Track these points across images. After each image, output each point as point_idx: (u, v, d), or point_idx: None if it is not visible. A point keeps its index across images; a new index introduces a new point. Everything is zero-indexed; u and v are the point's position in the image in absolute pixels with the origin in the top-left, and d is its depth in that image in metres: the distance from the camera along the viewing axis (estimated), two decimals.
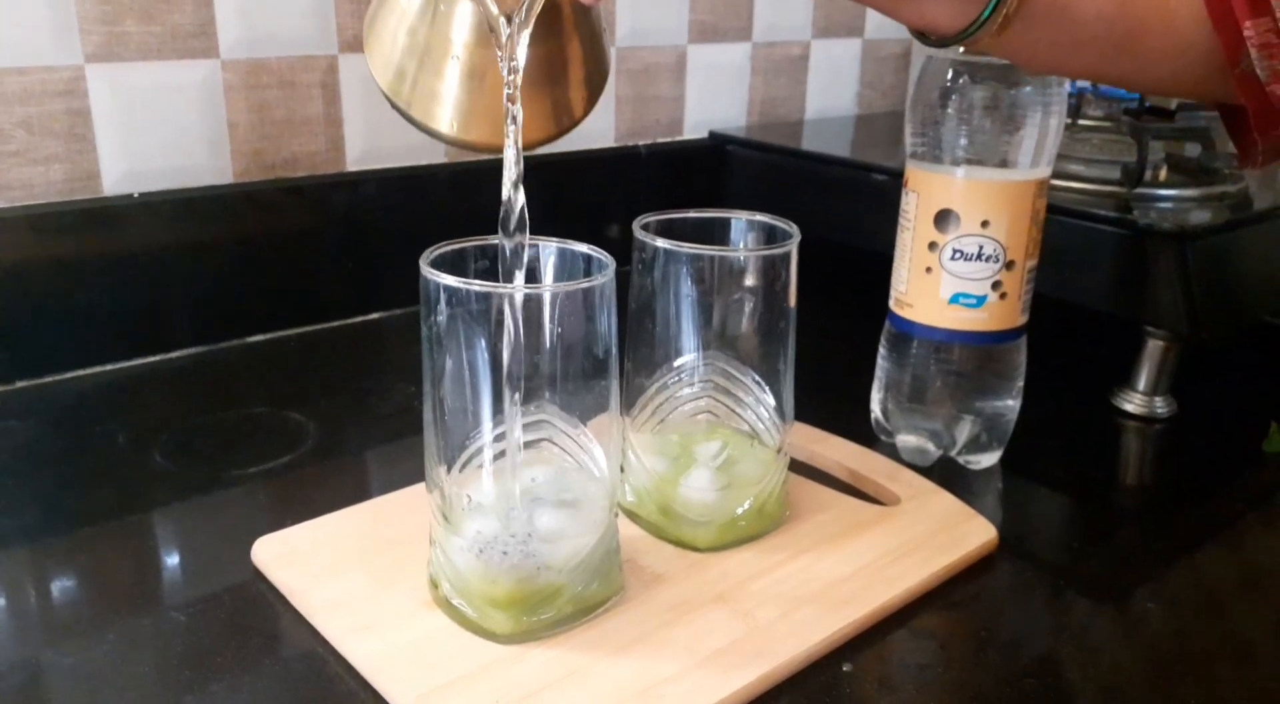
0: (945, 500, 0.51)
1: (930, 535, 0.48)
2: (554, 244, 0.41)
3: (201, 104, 0.67)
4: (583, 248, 0.41)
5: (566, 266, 0.41)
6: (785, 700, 0.38)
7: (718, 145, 0.90)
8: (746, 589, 0.43)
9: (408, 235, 0.63)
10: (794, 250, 0.45)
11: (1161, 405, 0.65)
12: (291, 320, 0.72)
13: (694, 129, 0.93)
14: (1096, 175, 0.69)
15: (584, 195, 0.85)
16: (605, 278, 0.38)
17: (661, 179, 0.90)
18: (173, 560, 0.47)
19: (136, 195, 0.65)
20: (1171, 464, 0.61)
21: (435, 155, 0.78)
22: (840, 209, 0.78)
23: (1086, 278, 0.64)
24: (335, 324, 0.74)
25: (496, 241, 0.41)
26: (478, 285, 0.36)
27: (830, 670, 0.40)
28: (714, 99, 0.94)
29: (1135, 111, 0.74)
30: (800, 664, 0.40)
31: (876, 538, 0.47)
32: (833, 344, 0.73)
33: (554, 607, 0.40)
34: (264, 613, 0.42)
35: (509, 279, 0.40)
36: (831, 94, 1.05)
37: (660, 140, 0.91)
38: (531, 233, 0.40)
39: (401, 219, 0.75)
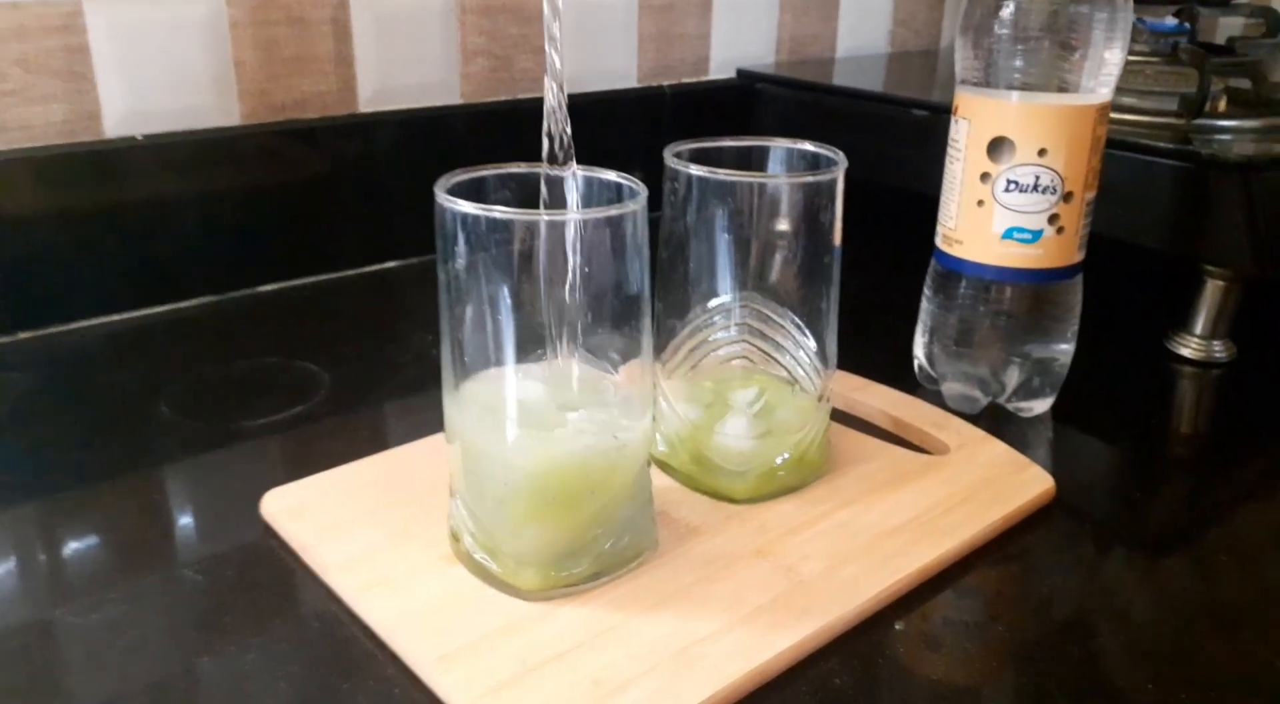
0: (997, 449, 0.48)
1: (982, 486, 0.45)
2: (580, 172, 0.38)
3: (206, 41, 0.64)
4: (612, 175, 0.38)
5: (594, 197, 0.38)
6: (835, 660, 0.36)
7: (746, 84, 0.86)
8: (787, 542, 0.41)
9: (423, 180, 0.60)
10: (840, 178, 0.42)
11: (1220, 350, 0.61)
12: (303, 269, 0.70)
13: (720, 69, 0.89)
14: (1151, 107, 0.65)
15: (605, 139, 0.82)
16: (638, 205, 0.35)
17: (687, 121, 0.86)
18: (181, 515, 0.44)
19: (140, 137, 0.62)
20: (1231, 411, 0.58)
21: (451, 96, 0.74)
22: (878, 148, 0.74)
23: (1141, 214, 0.60)
24: (349, 273, 0.71)
25: (519, 170, 0.38)
26: (500, 212, 0.33)
27: (881, 629, 0.37)
28: (741, 37, 0.90)
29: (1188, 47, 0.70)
30: (849, 623, 0.37)
31: (925, 488, 0.44)
32: (870, 288, 0.70)
33: (584, 561, 0.37)
34: (274, 570, 0.40)
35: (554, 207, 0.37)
36: (863, 32, 1.00)
37: (685, 80, 0.87)
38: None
39: (416, 162, 0.72)
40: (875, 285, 0.70)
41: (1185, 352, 0.61)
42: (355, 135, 0.70)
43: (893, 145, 0.73)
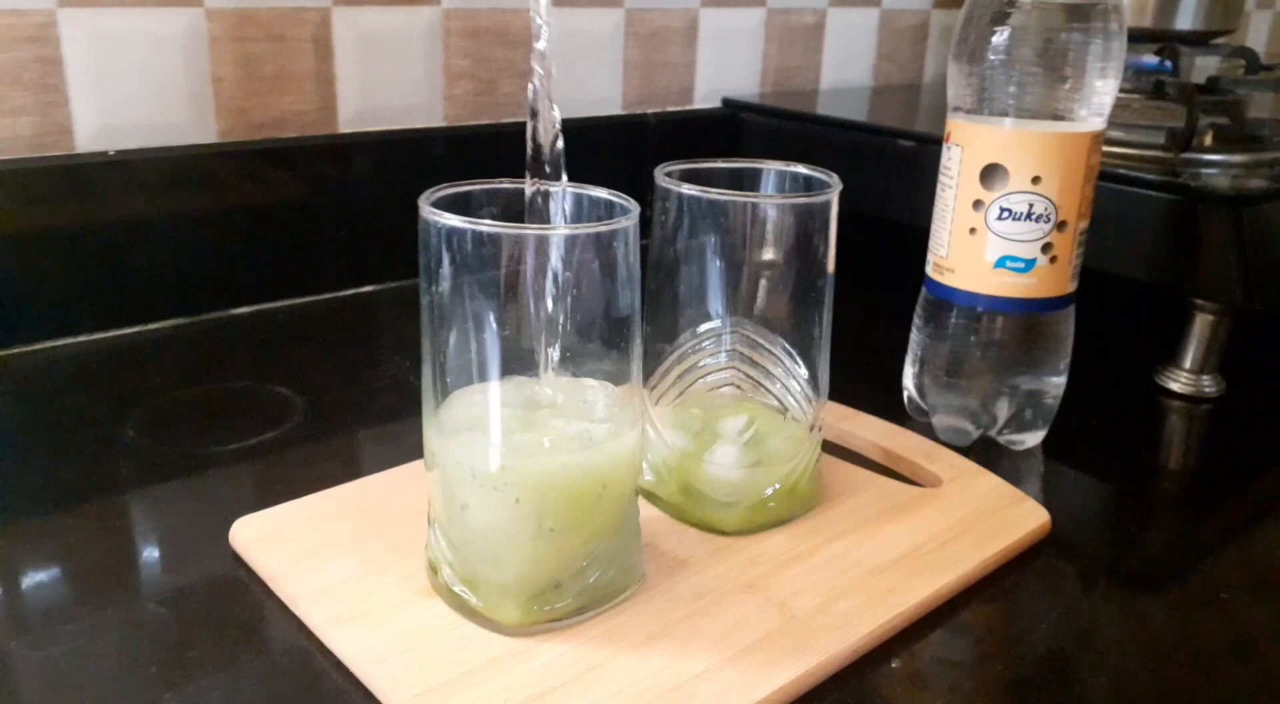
0: (990, 482, 0.47)
1: (977, 519, 0.44)
2: (569, 189, 0.37)
3: (184, 56, 0.62)
4: (602, 192, 0.36)
5: (585, 214, 0.37)
6: (829, 700, 0.34)
7: (732, 113, 0.86)
8: (779, 577, 0.39)
9: (403, 203, 0.59)
10: (834, 200, 0.41)
11: (1209, 384, 0.60)
12: (279, 292, 0.68)
13: (705, 98, 0.89)
14: (1138, 140, 0.65)
15: (588, 167, 0.80)
16: (630, 221, 0.34)
17: (671, 149, 0.84)
18: (145, 545, 0.42)
19: (113, 153, 0.61)
20: (1222, 446, 0.57)
21: (433, 118, 0.73)
22: (865, 178, 0.74)
23: (1130, 246, 0.60)
24: (325, 297, 0.70)
25: (507, 185, 0.37)
26: (488, 226, 0.32)
27: (876, 668, 0.36)
28: (726, 67, 0.90)
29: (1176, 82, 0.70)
30: (844, 661, 0.35)
31: (919, 522, 0.43)
32: (857, 318, 0.69)
33: (569, 595, 0.36)
34: (243, 602, 0.38)
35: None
36: (847, 65, 1.00)
37: (670, 109, 0.87)
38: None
39: (396, 185, 0.71)
40: (862, 315, 0.69)
41: (1174, 386, 0.61)
42: (335, 156, 0.68)
43: (880, 176, 0.73)
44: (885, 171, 0.72)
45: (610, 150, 0.82)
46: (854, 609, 0.37)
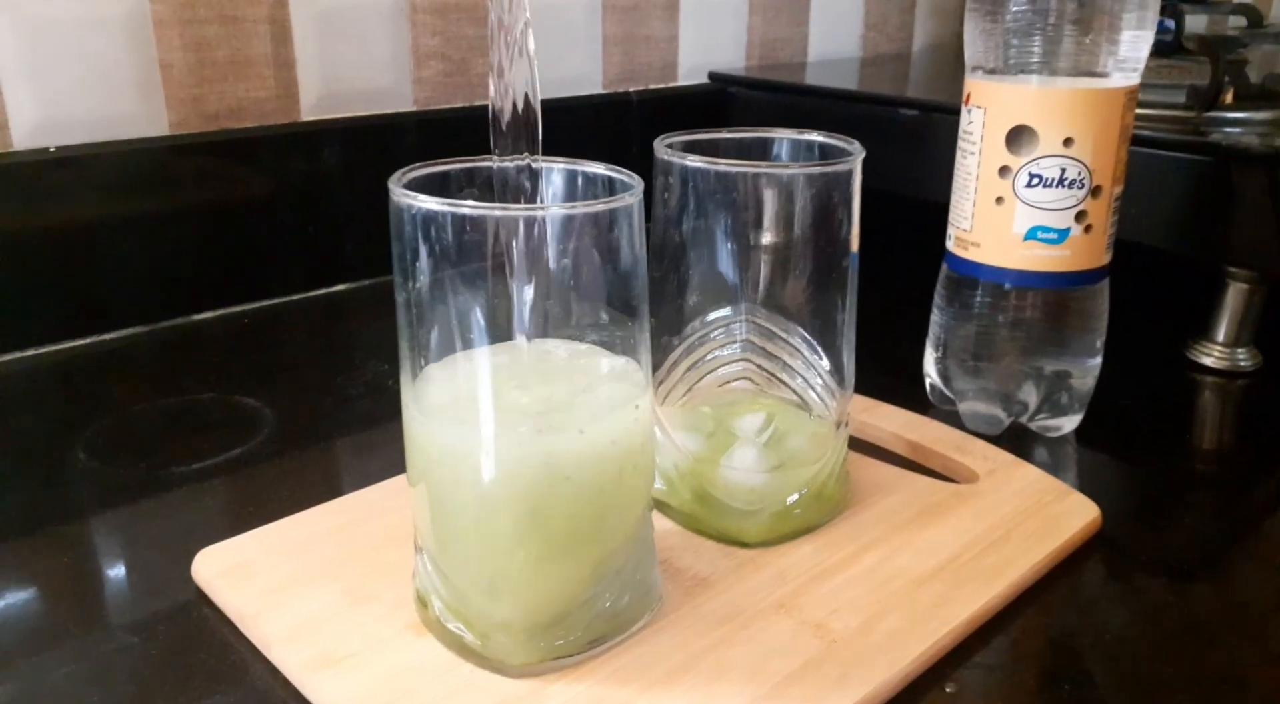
0: (1030, 474, 0.43)
1: (1022, 517, 0.40)
2: (560, 165, 0.33)
3: (127, 41, 0.57)
4: (599, 168, 0.32)
5: (580, 194, 0.32)
6: None
7: (719, 89, 0.81)
8: (812, 593, 0.35)
9: (373, 194, 0.54)
10: (857, 169, 0.36)
11: (1244, 358, 0.57)
12: (242, 294, 0.63)
13: (689, 74, 0.84)
14: (1155, 100, 0.61)
15: (568, 149, 0.76)
16: (635, 198, 0.29)
17: (655, 129, 0.80)
18: (97, 581, 0.38)
19: (54, 149, 0.56)
20: (1265, 423, 0.53)
21: (403, 102, 0.68)
22: (867, 152, 0.69)
23: (1156, 213, 0.56)
24: (294, 298, 0.65)
25: (489, 164, 0.32)
26: (470, 208, 0.27)
27: (930, 694, 0.32)
28: (710, 41, 0.85)
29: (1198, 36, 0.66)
30: (895, 688, 0.31)
31: (959, 523, 0.39)
32: (866, 301, 0.65)
33: (578, 626, 0.31)
34: (208, 646, 0.33)
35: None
36: (834, 36, 0.96)
37: (653, 86, 0.82)
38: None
39: (366, 175, 0.66)
40: (871, 297, 0.65)
41: (1207, 361, 0.57)
42: (298, 145, 0.64)
43: (882, 148, 0.68)
44: (887, 143, 0.68)
45: (591, 132, 0.78)
46: (899, 628, 0.33)
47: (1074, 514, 0.40)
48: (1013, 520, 0.39)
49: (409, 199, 0.28)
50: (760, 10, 0.88)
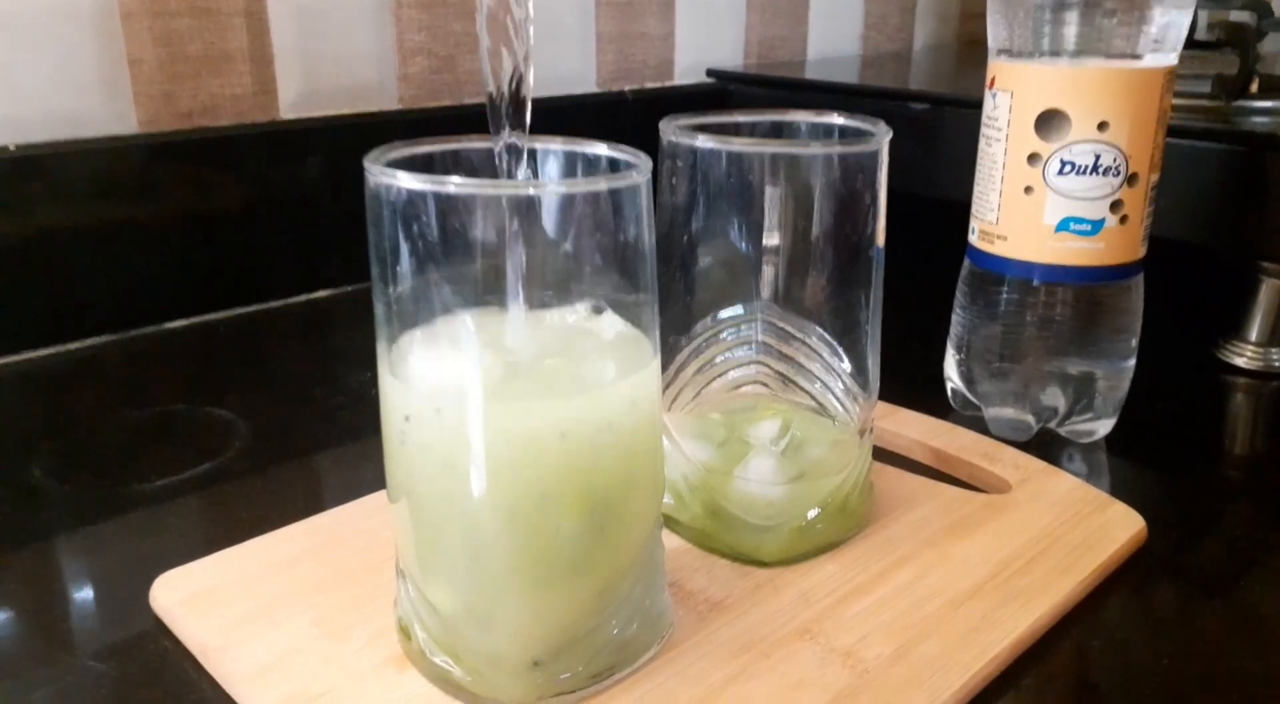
0: (1067, 483, 0.40)
1: (1062, 530, 0.36)
2: (558, 145, 0.29)
3: (93, 34, 0.54)
4: (601, 148, 0.29)
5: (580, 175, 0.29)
6: None
7: (719, 87, 0.78)
8: (838, 617, 0.32)
9: (355, 195, 0.51)
10: (884, 151, 0.33)
11: (1279, 358, 0.54)
12: (217, 301, 0.60)
13: (686, 73, 0.81)
14: (1182, 89, 0.58)
15: None
16: (643, 177, 0.26)
17: (651, 129, 0.77)
18: (48, 610, 0.34)
19: (13, 147, 0.52)
20: None
21: (387, 100, 0.65)
22: None
23: (1185, 205, 0.53)
24: (272, 305, 0.61)
25: (477, 145, 0.29)
26: (456, 186, 0.24)
27: None
28: (708, 39, 0.82)
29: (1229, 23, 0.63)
30: None
31: (994, 537, 0.36)
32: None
33: (581, 658, 0.28)
34: (165, 682, 0.30)
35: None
36: (834, 35, 0.93)
37: (649, 85, 0.79)
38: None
39: (348, 176, 0.62)
40: (886, 295, 0.62)
41: (1239, 361, 0.54)
42: (277, 145, 0.60)
43: (891, 144, 0.65)
44: (896, 139, 0.65)
45: (585, 132, 0.74)
46: (937, 655, 0.30)
47: (1118, 526, 0.37)
48: (1053, 533, 0.36)
49: (388, 178, 0.25)
50: (759, 8, 0.85)
